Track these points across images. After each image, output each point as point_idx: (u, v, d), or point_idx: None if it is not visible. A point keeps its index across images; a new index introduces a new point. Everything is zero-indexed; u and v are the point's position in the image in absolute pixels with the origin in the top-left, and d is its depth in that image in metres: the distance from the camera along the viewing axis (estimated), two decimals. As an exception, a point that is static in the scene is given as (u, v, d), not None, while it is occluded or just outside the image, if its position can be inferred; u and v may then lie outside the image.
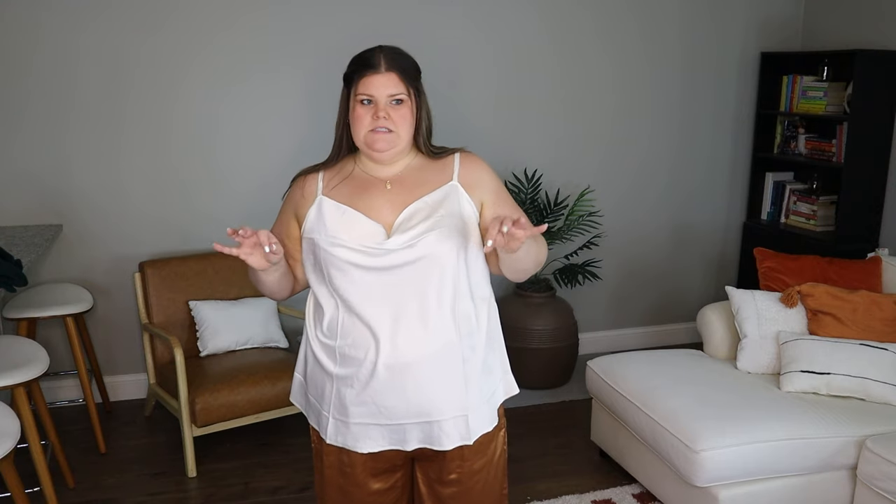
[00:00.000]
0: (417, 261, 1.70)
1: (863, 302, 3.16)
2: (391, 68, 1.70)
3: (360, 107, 1.72)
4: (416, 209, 1.73)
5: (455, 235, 1.73)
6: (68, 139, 3.72)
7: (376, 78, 1.70)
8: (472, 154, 1.85)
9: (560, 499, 3.11)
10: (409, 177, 1.78)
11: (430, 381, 1.73)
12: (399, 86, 1.71)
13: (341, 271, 1.72)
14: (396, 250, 1.69)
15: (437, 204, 1.74)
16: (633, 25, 4.43)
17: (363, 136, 1.72)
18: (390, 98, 1.70)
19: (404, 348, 1.71)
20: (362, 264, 1.70)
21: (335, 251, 1.71)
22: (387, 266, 1.70)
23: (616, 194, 4.60)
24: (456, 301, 1.75)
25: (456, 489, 1.85)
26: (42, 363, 2.66)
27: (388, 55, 1.72)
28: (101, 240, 3.85)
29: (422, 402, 1.74)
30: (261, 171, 3.97)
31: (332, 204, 1.75)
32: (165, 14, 3.72)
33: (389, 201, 1.75)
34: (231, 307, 3.68)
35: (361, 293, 1.72)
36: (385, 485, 1.86)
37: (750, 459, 2.67)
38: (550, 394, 4.13)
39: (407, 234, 1.70)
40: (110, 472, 3.34)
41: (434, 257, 1.71)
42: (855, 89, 4.00)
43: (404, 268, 1.70)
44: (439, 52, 4.10)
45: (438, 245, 1.70)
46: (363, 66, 1.72)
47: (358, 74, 1.72)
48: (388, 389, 1.73)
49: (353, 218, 1.73)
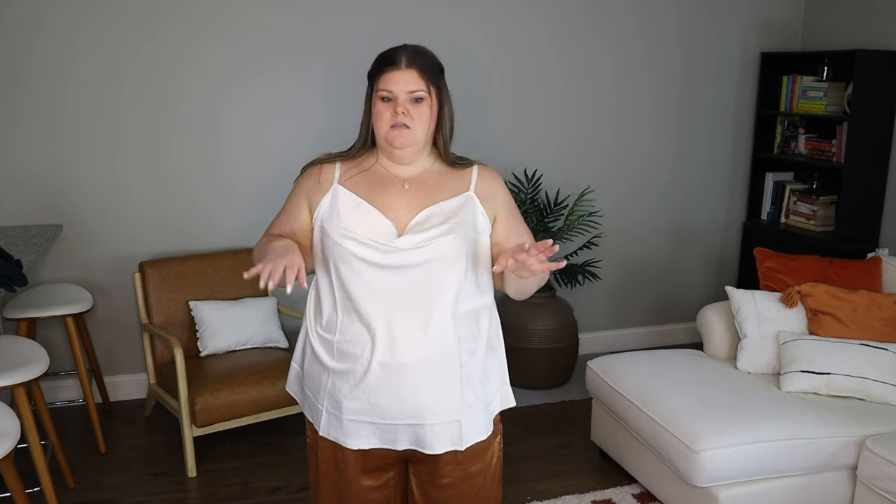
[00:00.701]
0: (426, 263, 1.71)
1: (863, 302, 3.16)
2: (411, 65, 1.72)
3: (381, 103, 1.73)
4: (432, 213, 1.74)
5: (466, 244, 1.74)
6: (68, 139, 3.72)
7: (396, 74, 1.71)
8: (490, 168, 1.87)
9: (560, 499, 3.11)
10: (429, 180, 1.79)
11: (426, 384, 1.74)
12: (419, 83, 1.72)
13: (348, 264, 1.72)
14: (406, 250, 1.70)
15: (453, 211, 1.75)
16: (633, 25, 4.42)
17: (384, 132, 1.73)
18: (410, 95, 1.71)
19: (402, 348, 1.71)
20: (370, 260, 1.71)
21: (344, 243, 1.71)
22: (394, 265, 1.71)
23: (616, 194, 4.60)
24: (458, 306, 1.75)
25: (449, 493, 1.85)
26: (42, 363, 2.66)
27: (409, 53, 1.74)
28: (101, 240, 3.85)
29: (416, 403, 1.74)
30: (262, 172, 3.97)
31: (347, 195, 1.76)
32: (166, 14, 3.72)
33: (406, 201, 1.75)
34: (231, 307, 3.68)
35: (365, 289, 1.72)
36: (376, 482, 1.86)
37: (750, 459, 2.67)
38: (550, 394, 4.13)
39: (420, 236, 1.71)
40: (110, 472, 3.34)
41: (443, 262, 1.71)
42: (855, 89, 4.00)
43: (411, 269, 1.71)
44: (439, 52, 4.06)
45: (450, 249, 1.71)
46: (385, 63, 1.74)
47: (380, 71, 1.73)
48: (382, 388, 1.73)
49: (368, 212, 1.73)
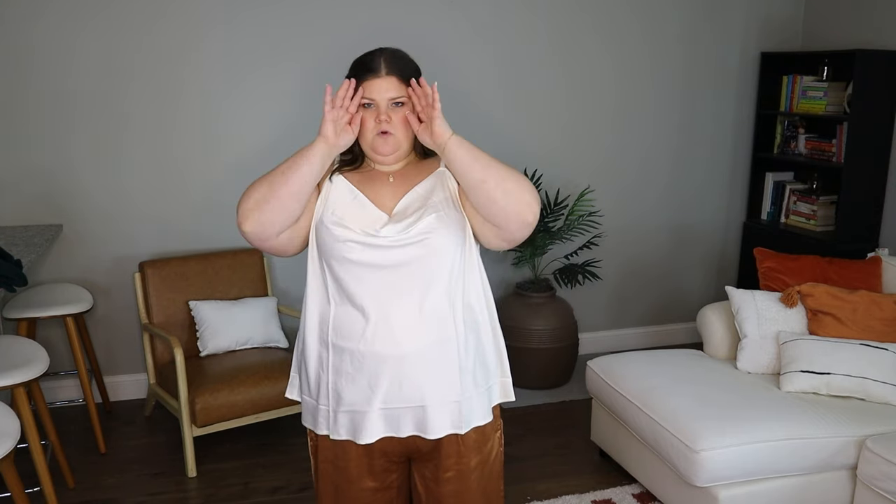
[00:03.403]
0: (414, 246, 1.73)
1: (863, 302, 3.16)
2: (391, 72, 1.73)
3: (363, 110, 1.75)
4: (410, 200, 1.78)
5: (451, 221, 1.76)
6: (68, 139, 3.72)
7: (377, 82, 1.72)
8: None
9: (560, 499, 3.11)
10: (410, 170, 1.84)
11: (424, 366, 1.75)
12: (399, 89, 1.73)
13: (340, 255, 1.74)
14: (392, 237, 1.73)
15: (428, 192, 1.79)
16: (633, 25, 4.42)
17: (369, 140, 1.76)
18: (391, 101, 1.73)
19: (398, 332, 1.73)
20: (362, 251, 1.73)
21: (337, 231, 1.74)
22: (384, 256, 1.73)
23: (616, 194, 4.60)
24: (451, 286, 1.77)
25: (453, 488, 1.86)
26: (42, 363, 2.66)
27: (388, 59, 1.74)
28: (101, 240, 3.85)
29: (414, 387, 1.75)
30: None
31: (345, 185, 1.81)
32: (166, 13, 3.72)
33: (392, 193, 1.80)
34: (231, 307, 3.68)
35: (357, 279, 1.74)
36: (379, 484, 1.86)
37: (750, 459, 2.67)
38: (550, 394, 4.13)
39: (402, 223, 1.74)
40: (110, 472, 3.34)
41: (432, 243, 1.73)
42: (855, 89, 4.00)
43: (402, 256, 1.73)
44: (440, 51, 4.10)
45: (436, 230, 1.73)
46: (364, 70, 1.74)
47: (359, 78, 1.74)
48: (381, 373, 1.74)
49: (362, 203, 1.78)
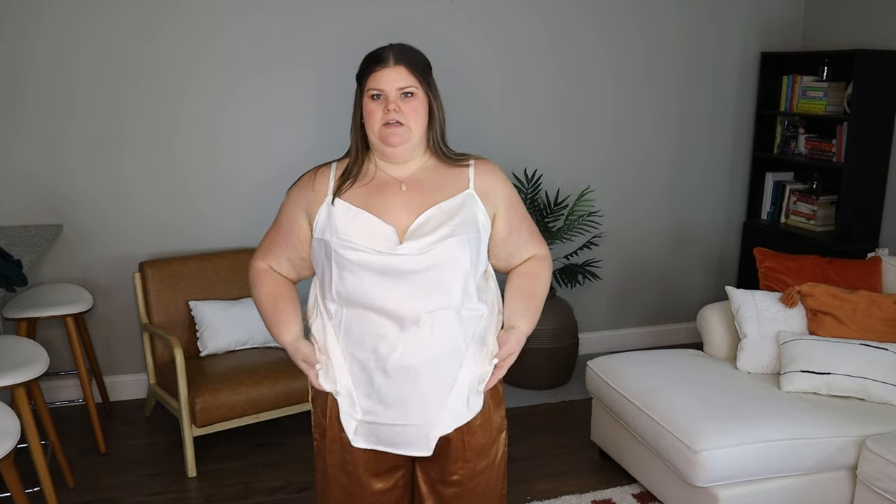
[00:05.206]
0: (429, 268, 1.69)
1: (863, 302, 3.16)
2: (399, 62, 1.71)
3: (371, 102, 1.72)
4: (432, 215, 1.72)
5: (470, 244, 1.73)
6: (69, 139, 3.72)
7: (385, 72, 1.70)
8: (488, 162, 1.84)
9: (560, 499, 3.11)
10: (425, 179, 1.77)
11: (430, 384, 1.73)
12: (409, 78, 1.71)
13: (352, 273, 1.71)
14: (409, 256, 1.68)
15: (454, 211, 1.73)
16: (633, 25, 4.42)
17: (377, 131, 1.72)
18: (400, 91, 1.70)
19: (406, 352, 1.71)
20: (373, 267, 1.69)
21: (346, 253, 1.70)
22: (398, 271, 1.69)
23: (616, 194, 4.60)
24: (463, 308, 1.75)
25: (458, 490, 1.86)
26: (42, 363, 2.66)
27: (397, 50, 1.73)
28: (101, 240, 3.85)
29: (422, 405, 1.74)
30: (263, 172, 3.97)
31: (343, 205, 1.74)
32: (168, 14, 3.72)
33: (405, 203, 1.74)
34: (231, 307, 3.68)
35: (370, 296, 1.71)
36: (387, 484, 1.86)
37: (750, 459, 2.67)
38: (550, 394, 4.13)
39: (422, 241, 1.69)
40: (110, 472, 3.34)
41: (447, 265, 1.70)
42: (855, 89, 4.00)
43: (416, 273, 1.69)
44: (439, 52, 4.07)
45: (454, 252, 1.70)
46: (373, 61, 1.73)
47: (368, 70, 1.72)
48: (391, 389, 1.73)
49: (366, 220, 1.71)
